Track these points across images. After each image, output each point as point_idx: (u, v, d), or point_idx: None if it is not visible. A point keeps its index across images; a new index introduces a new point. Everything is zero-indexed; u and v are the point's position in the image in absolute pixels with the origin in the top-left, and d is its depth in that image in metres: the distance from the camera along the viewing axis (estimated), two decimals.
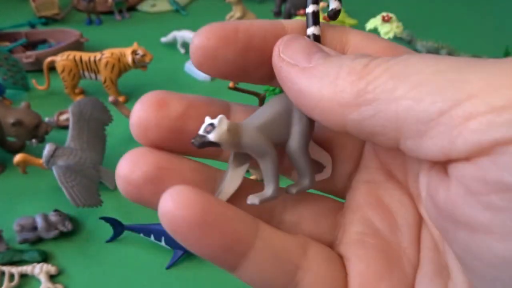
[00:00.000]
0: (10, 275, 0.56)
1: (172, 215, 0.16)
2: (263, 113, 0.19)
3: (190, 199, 0.16)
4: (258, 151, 0.18)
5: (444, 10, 1.36)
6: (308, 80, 0.17)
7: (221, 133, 0.17)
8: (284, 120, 0.19)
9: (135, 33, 1.21)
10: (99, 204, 0.62)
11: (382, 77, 0.15)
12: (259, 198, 0.19)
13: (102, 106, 0.76)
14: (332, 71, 0.16)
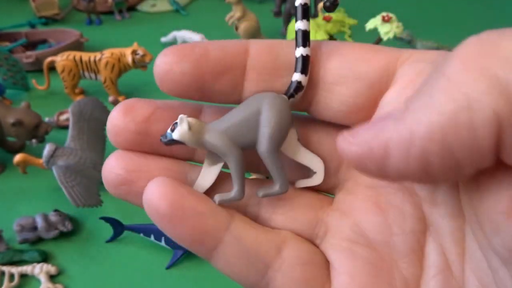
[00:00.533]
0: (10, 275, 0.56)
1: (149, 205, 0.18)
2: (232, 115, 0.19)
3: (164, 191, 0.18)
4: (220, 152, 0.19)
5: (444, 10, 1.36)
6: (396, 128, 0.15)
7: (181, 132, 0.18)
8: (252, 122, 0.19)
9: (135, 33, 1.21)
10: (99, 204, 0.62)
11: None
12: (220, 198, 0.19)
13: (102, 106, 0.76)
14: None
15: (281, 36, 1.16)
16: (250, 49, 0.19)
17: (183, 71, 0.18)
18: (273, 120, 0.18)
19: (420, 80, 0.16)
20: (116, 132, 0.20)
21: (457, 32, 1.28)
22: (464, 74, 0.13)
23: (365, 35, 0.88)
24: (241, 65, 0.19)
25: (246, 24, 1.07)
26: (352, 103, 0.18)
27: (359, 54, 0.18)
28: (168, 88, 0.19)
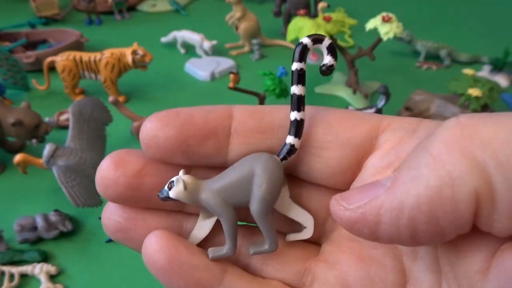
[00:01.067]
0: (10, 275, 0.56)
1: (147, 258, 0.20)
2: (226, 174, 0.20)
3: (162, 245, 0.19)
4: (214, 211, 0.20)
5: (444, 10, 1.36)
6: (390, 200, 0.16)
7: (178, 192, 0.19)
8: (245, 183, 0.19)
9: (135, 33, 1.21)
10: (99, 204, 0.62)
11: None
12: (213, 254, 0.20)
13: (102, 106, 0.76)
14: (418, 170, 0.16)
15: (281, 36, 1.16)
16: (234, 114, 0.20)
17: (167, 136, 0.19)
18: (265, 182, 0.19)
19: (401, 147, 0.18)
20: (106, 185, 0.20)
21: (457, 32, 1.29)
22: (448, 155, 0.15)
23: (365, 35, 0.88)
24: (226, 130, 0.19)
25: (246, 24, 1.07)
26: (337, 166, 0.19)
27: (344, 121, 0.19)
28: (154, 152, 0.19)
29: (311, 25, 0.85)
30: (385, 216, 0.16)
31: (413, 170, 0.15)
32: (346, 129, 0.19)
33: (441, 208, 0.15)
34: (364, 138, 0.19)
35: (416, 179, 0.15)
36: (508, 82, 0.97)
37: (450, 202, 0.15)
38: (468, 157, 0.14)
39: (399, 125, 0.19)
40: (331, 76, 1.00)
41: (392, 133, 0.19)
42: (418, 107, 0.86)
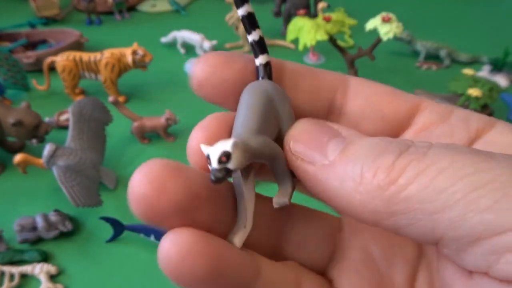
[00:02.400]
0: (10, 275, 0.56)
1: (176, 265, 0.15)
2: (250, 113, 0.18)
3: (198, 247, 0.15)
4: (269, 155, 0.17)
5: (444, 10, 1.36)
6: (330, 183, 0.15)
7: (240, 159, 0.15)
8: (271, 111, 0.18)
9: (135, 33, 1.21)
10: (99, 204, 0.62)
11: (415, 183, 0.14)
12: (288, 197, 0.18)
13: (102, 106, 0.76)
14: (354, 171, 0.15)
15: (281, 36, 1.16)
16: (285, 66, 0.20)
17: (225, 77, 0.18)
18: (287, 104, 0.18)
19: (431, 130, 0.18)
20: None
21: (457, 32, 1.29)
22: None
23: (365, 35, 0.88)
24: (279, 76, 0.19)
25: None
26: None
27: (385, 97, 0.19)
28: (206, 92, 0.18)
29: (311, 25, 0.84)
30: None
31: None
32: (387, 105, 0.19)
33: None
34: (403, 116, 0.19)
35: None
36: (508, 82, 0.97)
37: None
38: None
39: (434, 109, 0.19)
40: None
41: (427, 116, 0.19)
42: None
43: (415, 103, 0.19)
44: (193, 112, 0.90)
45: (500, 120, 0.18)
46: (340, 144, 0.16)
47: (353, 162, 0.15)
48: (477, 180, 0.13)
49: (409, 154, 0.14)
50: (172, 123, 0.79)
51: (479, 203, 0.13)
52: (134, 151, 0.79)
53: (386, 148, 0.15)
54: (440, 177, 0.13)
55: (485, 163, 0.13)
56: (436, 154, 0.14)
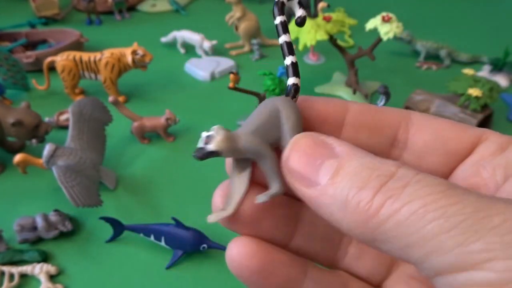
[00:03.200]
0: (10, 275, 0.56)
1: (237, 264, 0.20)
2: (254, 118, 0.20)
3: (252, 250, 0.20)
4: (256, 153, 0.20)
5: (444, 10, 1.36)
6: (322, 207, 0.18)
7: (219, 142, 0.19)
8: (274, 121, 0.20)
9: (135, 33, 1.21)
10: (99, 204, 0.62)
11: (391, 220, 0.15)
12: (267, 195, 0.20)
13: (102, 106, 0.76)
14: (341, 199, 0.17)
15: None
16: (349, 107, 0.22)
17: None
18: (292, 114, 0.20)
19: (489, 159, 0.20)
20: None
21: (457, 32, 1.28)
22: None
23: (365, 35, 0.88)
24: (340, 121, 0.22)
25: (246, 24, 1.07)
26: (438, 169, 0.21)
27: (447, 131, 0.21)
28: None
29: (311, 25, 0.84)
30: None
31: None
32: (450, 139, 0.21)
33: None
34: (465, 148, 0.21)
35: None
36: (508, 82, 0.97)
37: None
38: None
39: (495, 140, 0.20)
40: (331, 76, 1.00)
41: (487, 146, 0.20)
42: (418, 107, 0.86)
43: (477, 135, 0.21)
44: (193, 112, 0.90)
45: None
46: (331, 168, 0.18)
47: (340, 191, 0.17)
48: (443, 224, 0.14)
49: (387, 190, 0.16)
50: (172, 123, 0.79)
51: (442, 246, 0.14)
52: (134, 151, 0.79)
53: (369, 179, 0.16)
54: (412, 218, 0.15)
55: (454, 207, 0.15)
56: (411, 193, 0.15)
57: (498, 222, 0.14)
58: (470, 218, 0.14)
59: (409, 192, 0.15)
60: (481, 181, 0.20)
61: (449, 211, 0.15)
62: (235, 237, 0.21)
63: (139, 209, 0.67)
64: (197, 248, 0.58)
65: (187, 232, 0.58)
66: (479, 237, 0.14)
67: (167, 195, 0.69)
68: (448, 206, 0.15)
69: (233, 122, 0.84)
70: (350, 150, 0.18)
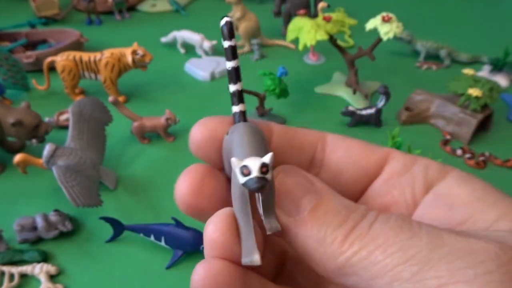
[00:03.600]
0: (10, 275, 0.56)
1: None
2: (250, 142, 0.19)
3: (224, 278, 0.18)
4: (272, 183, 0.19)
5: (444, 10, 1.36)
6: (298, 237, 0.19)
7: (272, 171, 0.18)
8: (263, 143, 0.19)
9: (135, 33, 1.21)
10: (99, 204, 0.62)
11: (358, 255, 0.17)
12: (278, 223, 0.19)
13: (102, 106, 0.76)
14: (319, 234, 0.18)
15: (281, 36, 1.16)
16: (273, 128, 0.23)
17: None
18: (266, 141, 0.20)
19: (396, 179, 0.22)
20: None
21: (457, 32, 1.28)
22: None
23: (365, 35, 0.88)
24: (268, 134, 0.23)
25: (246, 24, 1.07)
26: (351, 187, 0.23)
27: (358, 151, 0.23)
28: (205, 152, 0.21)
29: (311, 25, 0.84)
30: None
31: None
32: (361, 158, 0.23)
33: None
34: (374, 166, 0.22)
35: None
36: (508, 82, 0.97)
37: None
38: None
39: (400, 160, 0.22)
40: (331, 76, 1.00)
41: (393, 166, 0.22)
42: (418, 107, 0.86)
43: (383, 154, 0.23)
44: (193, 112, 0.90)
45: (455, 169, 0.21)
46: (312, 201, 0.19)
47: (319, 226, 0.18)
48: (401, 256, 0.16)
49: (358, 229, 0.18)
50: (172, 123, 0.79)
51: (401, 275, 0.16)
52: (134, 151, 0.79)
53: (345, 219, 0.18)
54: (376, 252, 0.17)
55: (410, 241, 0.17)
56: (376, 231, 0.18)
57: (446, 252, 0.16)
58: (424, 249, 0.16)
59: (374, 231, 0.18)
60: (392, 199, 0.22)
61: (406, 245, 0.17)
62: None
63: (139, 209, 0.67)
64: (197, 248, 0.58)
65: (187, 232, 0.58)
66: (431, 266, 0.16)
67: (167, 195, 0.69)
68: (405, 240, 0.17)
69: None
70: (329, 190, 0.20)
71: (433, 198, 0.21)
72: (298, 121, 0.86)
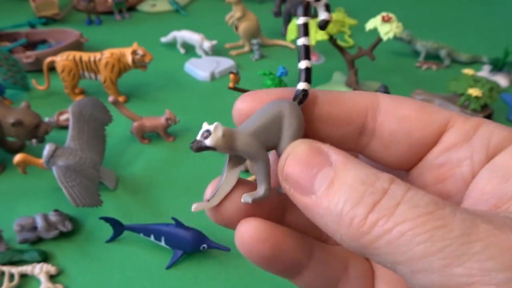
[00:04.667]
0: (10, 275, 0.56)
1: (249, 248, 0.20)
2: (257, 118, 0.20)
3: (263, 235, 0.20)
4: (250, 155, 0.20)
5: (443, 10, 1.36)
6: (316, 217, 0.18)
7: (216, 139, 0.19)
8: (276, 125, 0.20)
9: (135, 33, 1.21)
10: (99, 204, 0.62)
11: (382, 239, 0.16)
12: (252, 197, 0.20)
13: (102, 106, 0.76)
14: (335, 213, 0.17)
15: (281, 36, 1.16)
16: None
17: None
18: (295, 122, 0.20)
19: (453, 152, 0.20)
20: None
21: (457, 32, 1.28)
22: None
23: (365, 35, 0.88)
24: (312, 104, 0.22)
25: (246, 24, 1.07)
26: (402, 159, 0.22)
27: (416, 118, 0.21)
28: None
29: (311, 25, 0.84)
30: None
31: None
32: (416, 128, 0.21)
33: None
34: (431, 137, 0.21)
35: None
36: (508, 82, 0.97)
37: None
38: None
39: (460, 127, 0.20)
40: (331, 76, 1.00)
41: (452, 135, 0.20)
42: None
43: (443, 122, 0.21)
44: (193, 112, 0.90)
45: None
46: (327, 178, 0.18)
47: (335, 205, 0.17)
48: (430, 247, 0.15)
49: (380, 209, 0.17)
50: (172, 123, 0.79)
51: (428, 267, 0.15)
52: (134, 151, 0.79)
53: (363, 195, 0.17)
54: (402, 239, 0.16)
55: (440, 231, 0.16)
56: (402, 214, 0.16)
57: (479, 248, 0.15)
58: (455, 243, 0.15)
59: (400, 212, 0.16)
60: (448, 172, 0.20)
61: (436, 235, 0.15)
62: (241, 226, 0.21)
63: (139, 209, 0.67)
64: (197, 248, 0.58)
65: (187, 232, 0.58)
66: (461, 263, 0.15)
67: (167, 195, 0.69)
68: (435, 230, 0.16)
69: (232, 122, 0.84)
70: (346, 160, 0.18)
71: (490, 168, 0.19)
72: None
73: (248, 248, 0.20)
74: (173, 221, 0.59)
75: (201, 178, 0.73)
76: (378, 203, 0.17)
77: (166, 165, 0.76)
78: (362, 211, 0.17)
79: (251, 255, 0.20)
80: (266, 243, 0.20)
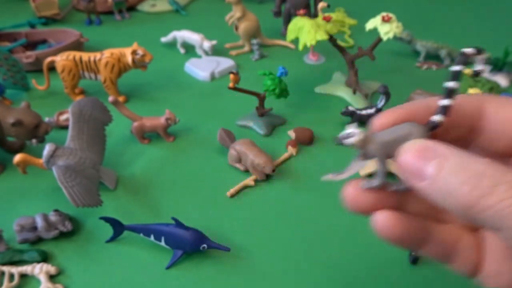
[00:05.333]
0: (10, 275, 0.56)
1: (384, 234, 0.27)
2: (392, 133, 0.26)
3: (394, 224, 0.26)
4: (376, 157, 0.27)
5: (443, 10, 1.36)
6: (433, 197, 0.23)
7: (357, 141, 0.26)
8: (402, 142, 0.25)
9: (135, 33, 1.21)
10: (99, 204, 0.62)
11: (486, 212, 0.21)
12: (368, 185, 0.27)
13: (102, 106, 0.76)
14: (446, 188, 0.22)
15: (281, 36, 1.16)
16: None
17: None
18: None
19: None
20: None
21: (457, 32, 1.28)
22: None
23: (365, 35, 0.88)
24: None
25: (246, 24, 1.07)
26: (505, 147, 0.27)
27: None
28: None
29: (311, 25, 0.84)
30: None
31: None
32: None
33: None
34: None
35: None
36: (508, 82, 0.97)
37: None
38: None
39: None
40: (331, 76, 1.00)
41: None
42: None
43: None
44: (193, 112, 0.90)
45: None
46: (435, 166, 0.23)
47: (445, 185, 0.22)
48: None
49: (481, 188, 0.21)
50: (172, 123, 0.79)
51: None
52: (134, 151, 0.79)
53: (464, 176, 0.22)
54: (504, 211, 0.20)
55: None
56: (500, 194, 0.20)
57: None
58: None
59: (498, 192, 0.20)
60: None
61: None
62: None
63: (139, 209, 0.67)
64: (197, 248, 0.58)
65: (187, 232, 0.58)
66: None
67: (167, 195, 0.69)
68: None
69: (233, 122, 0.84)
70: (449, 151, 0.23)
71: None
72: (298, 121, 0.86)
73: (385, 232, 0.26)
74: (173, 221, 0.59)
75: (201, 178, 0.73)
76: (479, 183, 0.21)
77: (166, 165, 0.76)
78: (466, 189, 0.21)
79: (387, 236, 0.26)
80: (397, 228, 0.26)
